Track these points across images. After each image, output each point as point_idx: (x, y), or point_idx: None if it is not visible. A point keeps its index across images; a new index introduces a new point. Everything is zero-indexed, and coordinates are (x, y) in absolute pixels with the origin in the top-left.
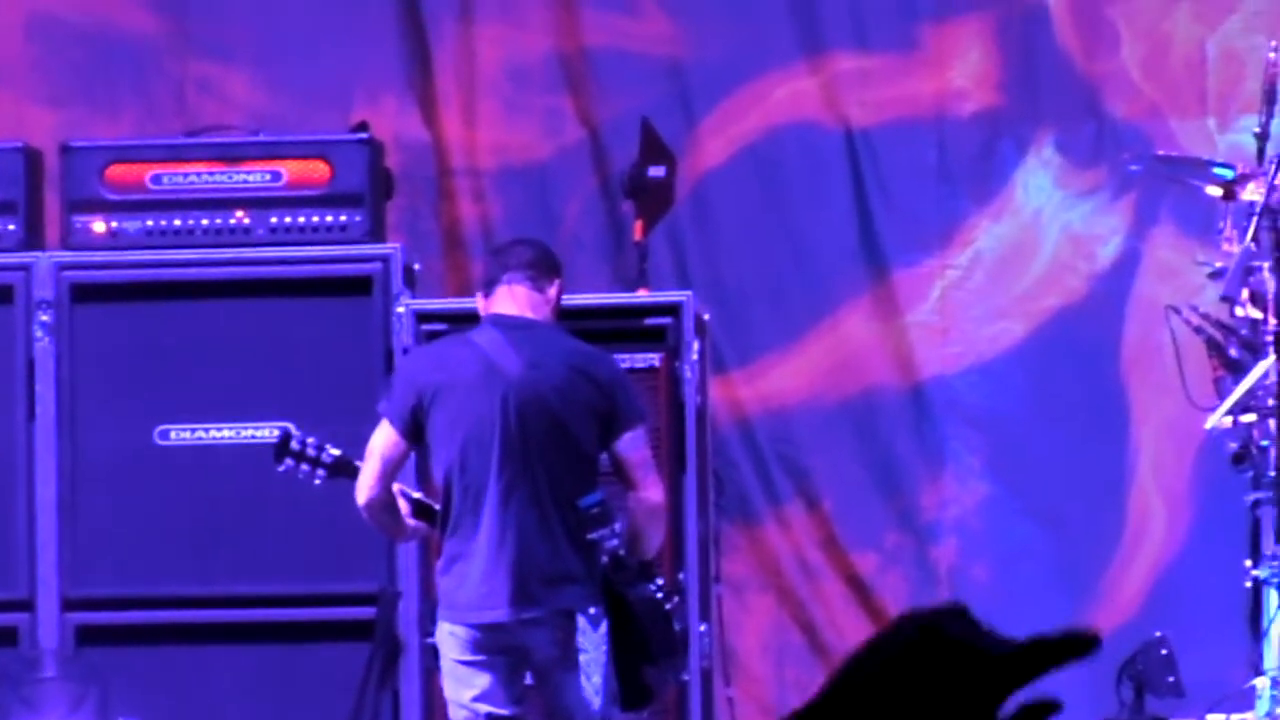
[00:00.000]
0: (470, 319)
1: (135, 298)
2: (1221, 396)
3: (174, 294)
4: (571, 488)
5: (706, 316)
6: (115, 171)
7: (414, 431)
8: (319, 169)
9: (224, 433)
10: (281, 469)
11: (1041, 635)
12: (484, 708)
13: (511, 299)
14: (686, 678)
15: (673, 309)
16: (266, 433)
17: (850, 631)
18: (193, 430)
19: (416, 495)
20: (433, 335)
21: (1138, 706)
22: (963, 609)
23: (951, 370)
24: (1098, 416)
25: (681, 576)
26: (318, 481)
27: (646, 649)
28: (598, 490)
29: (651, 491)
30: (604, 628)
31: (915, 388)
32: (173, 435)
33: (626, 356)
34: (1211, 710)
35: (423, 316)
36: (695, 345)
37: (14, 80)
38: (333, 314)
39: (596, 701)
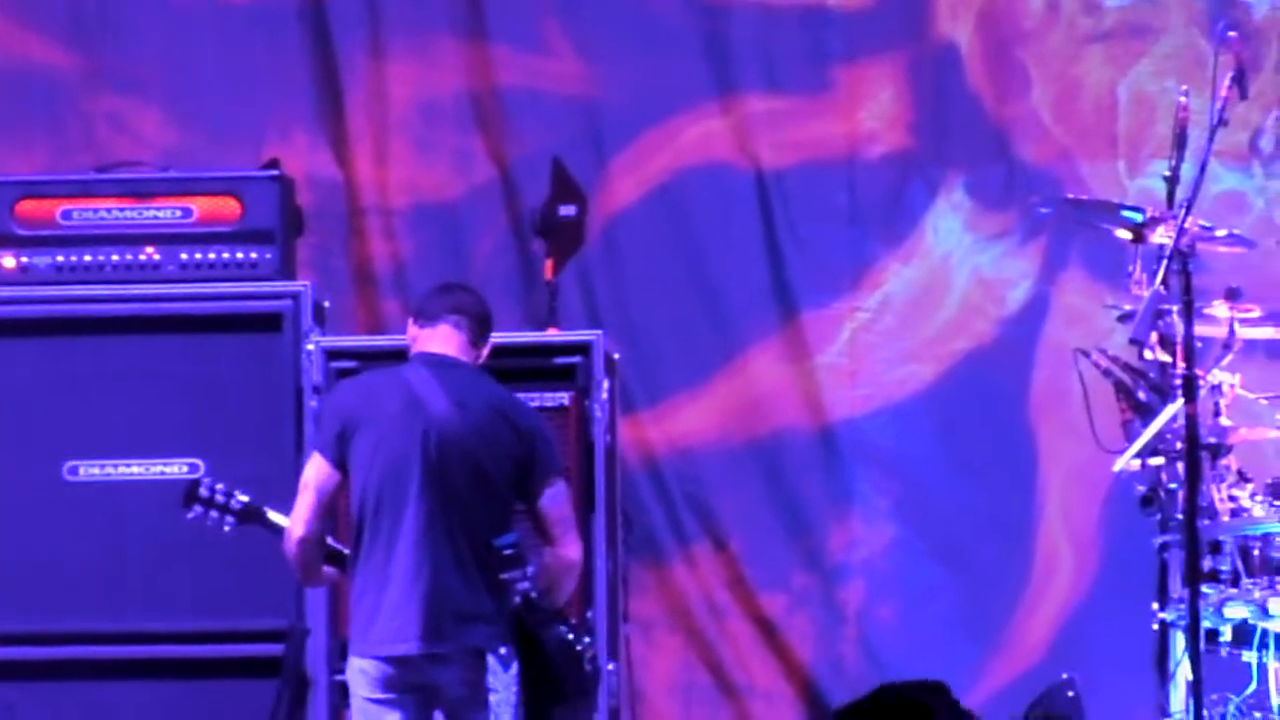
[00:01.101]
0: (381, 356)
1: (45, 332)
2: (1130, 440)
3: (84, 329)
4: (487, 527)
5: (616, 356)
6: (26, 206)
7: (341, 460)
8: (230, 205)
9: (133, 469)
10: (190, 515)
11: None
12: None
13: (448, 340)
14: (598, 718)
15: (583, 348)
16: (176, 469)
17: (758, 672)
18: (101, 466)
19: (330, 542)
20: (343, 372)
21: None
22: (943, 686)
23: (860, 412)
24: (1006, 459)
25: (590, 615)
26: (227, 528)
27: (559, 689)
28: (513, 531)
29: (570, 549)
30: (515, 668)
31: (824, 429)
32: (81, 471)
33: (537, 395)
34: None
35: (333, 354)
36: (605, 384)
37: None
38: (243, 350)
39: None
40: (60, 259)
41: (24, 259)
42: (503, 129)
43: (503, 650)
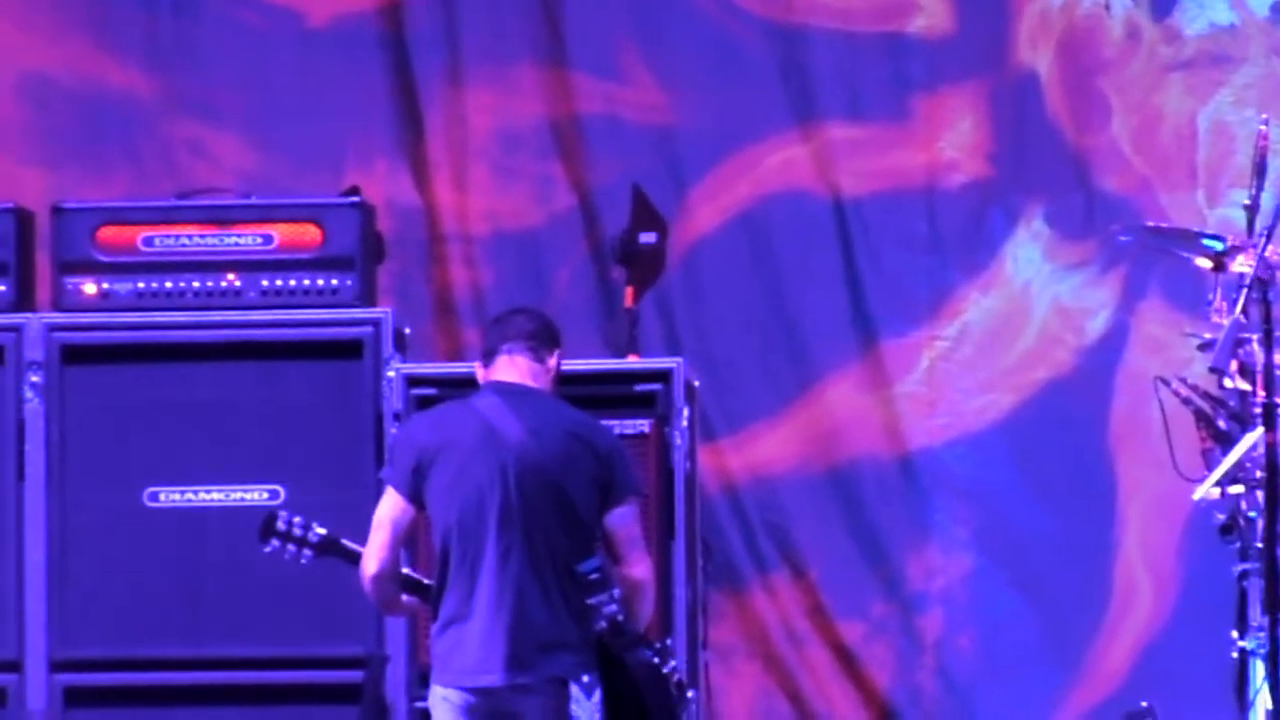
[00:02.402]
0: (461, 384)
1: (126, 359)
2: (1209, 468)
3: (164, 356)
4: (569, 553)
5: (696, 383)
6: (107, 233)
7: (417, 495)
8: (310, 232)
9: (213, 495)
10: (268, 550)
11: None
12: None
13: (512, 367)
14: None
15: (663, 375)
16: (255, 495)
17: (837, 700)
18: (181, 492)
19: (405, 570)
20: (423, 400)
21: None
22: None
23: (938, 441)
24: (1085, 488)
25: (669, 642)
26: (304, 561)
27: (644, 714)
28: (596, 556)
29: (637, 569)
30: (598, 696)
31: (902, 458)
32: (162, 497)
33: (616, 422)
34: None
35: (413, 380)
36: (685, 412)
37: (6, 141)
38: (323, 377)
39: None
40: (141, 285)
41: (105, 285)
42: (582, 157)
43: (585, 678)
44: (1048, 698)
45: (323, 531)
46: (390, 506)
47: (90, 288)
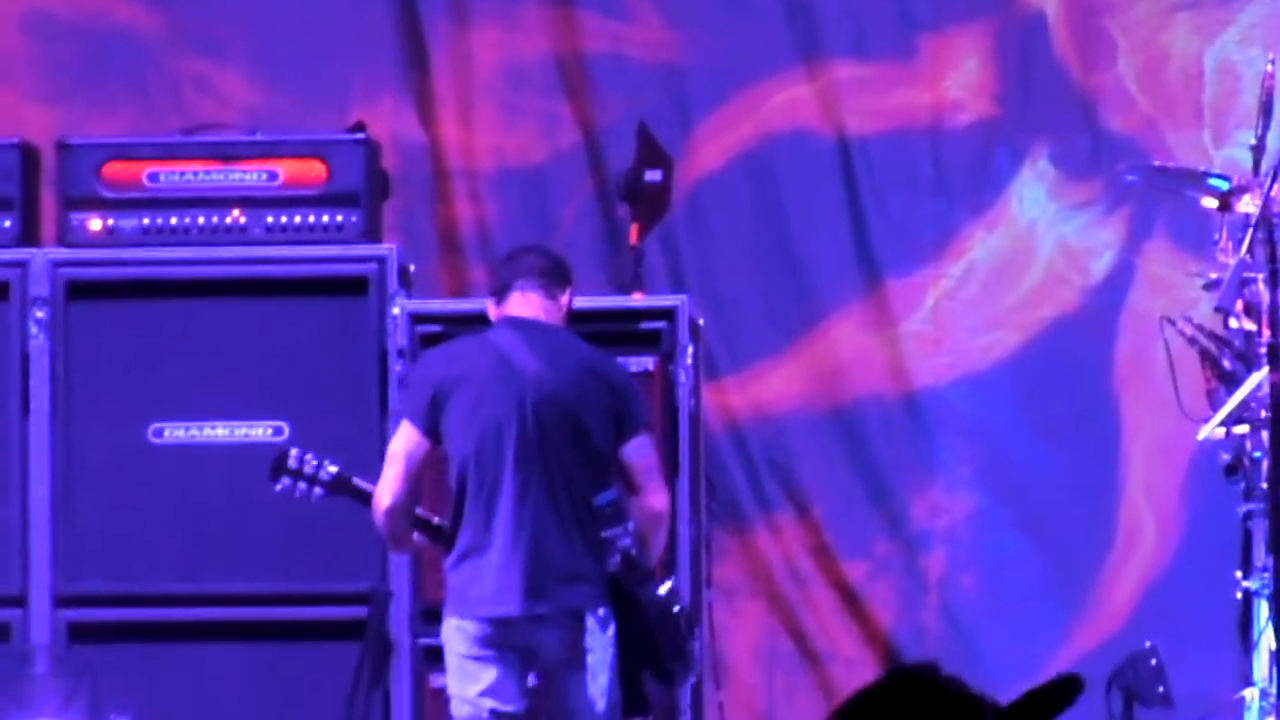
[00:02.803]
0: (466, 321)
1: (131, 295)
2: (1215, 408)
3: (170, 292)
4: (586, 485)
5: (701, 321)
6: (112, 169)
7: (434, 428)
8: (315, 169)
9: (218, 431)
10: (279, 488)
11: (1033, 688)
12: (489, 703)
13: (525, 303)
14: (694, 679)
15: (668, 313)
16: (260, 432)
17: (840, 638)
18: (186, 429)
19: (418, 511)
20: (428, 337)
21: (1127, 717)
22: (934, 666)
23: (943, 380)
24: (1089, 428)
25: (673, 580)
26: (315, 499)
27: (655, 649)
28: (611, 489)
29: (655, 498)
30: (612, 629)
31: (907, 397)
32: (166, 433)
33: (621, 360)
34: None
35: (418, 318)
36: (689, 349)
37: (11, 77)
38: (328, 314)
39: (601, 703)
40: (146, 221)
41: (110, 221)
42: (588, 94)
43: (601, 611)
44: (1051, 636)
45: (334, 469)
46: (405, 440)
47: (95, 224)
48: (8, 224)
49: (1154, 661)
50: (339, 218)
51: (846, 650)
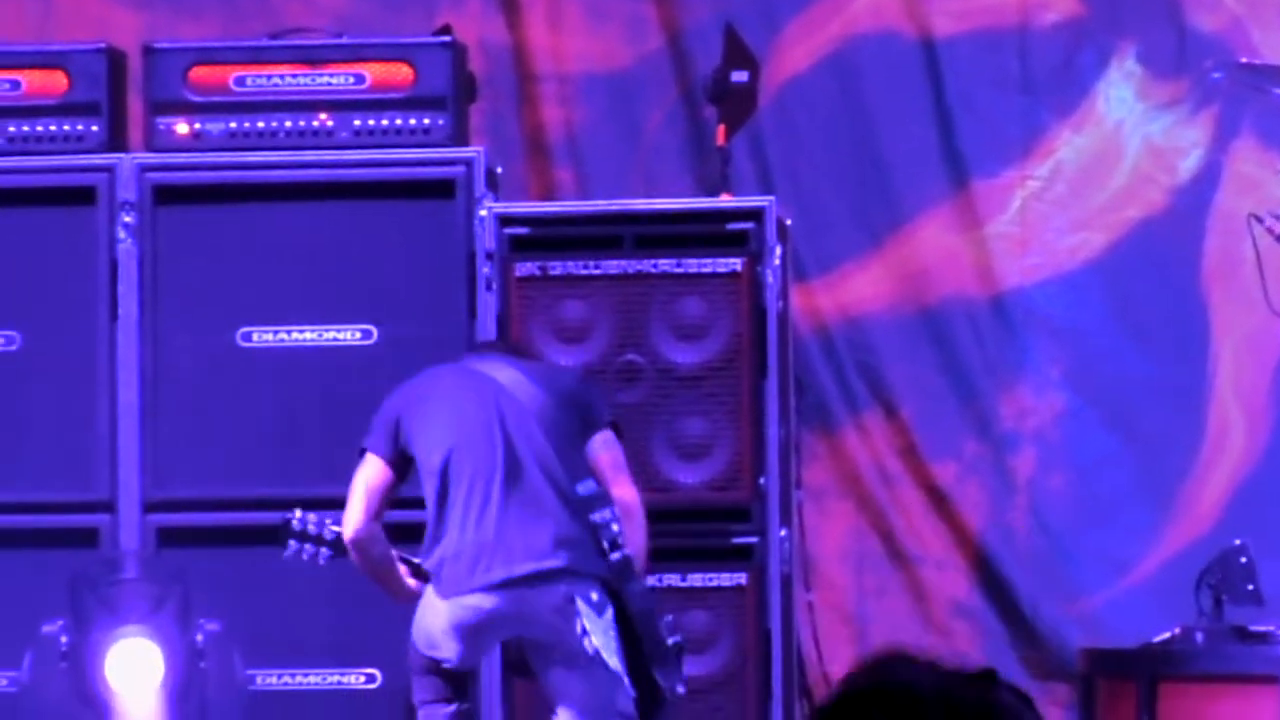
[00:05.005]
0: (552, 223)
1: (218, 200)
2: None
3: (257, 196)
4: (567, 477)
5: (788, 222)
6: (199, 73)
7: (397, 456)
8: (402, 72)
9: (306, 335)
10: (288, 553)
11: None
12: (441, 655)
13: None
14: (681, 690)
15: (755, 214)
16: (349, 335)
17: (929, 540)
18: (274, 333)
19: (415, 561)
20: (515, 240)
21: (1216, 615)
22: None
23: (1031, 281)
24: (1178, 328)
25: (762, 482)
26: (322, 562)
27: (639, 650)
28: (589, 478)
29: (624, 491)
30: (610, 613)
31: (994, 298)
32: (255, 338)
33: (709, 261)
34: None
35: (505, 220)
36: (777, 250)
37: None
38: (415, 217)
39: (618, 689)
40: (233, 126)
41: (197, 126)
42: None
43: (594, 595)
44: (1141, 537)
45: (339, 529)
46: (368, 472)
47: (182, 128)
48: (95, 129)
49: (1244, 560)
50: (426, 121)
51: (935, 551)
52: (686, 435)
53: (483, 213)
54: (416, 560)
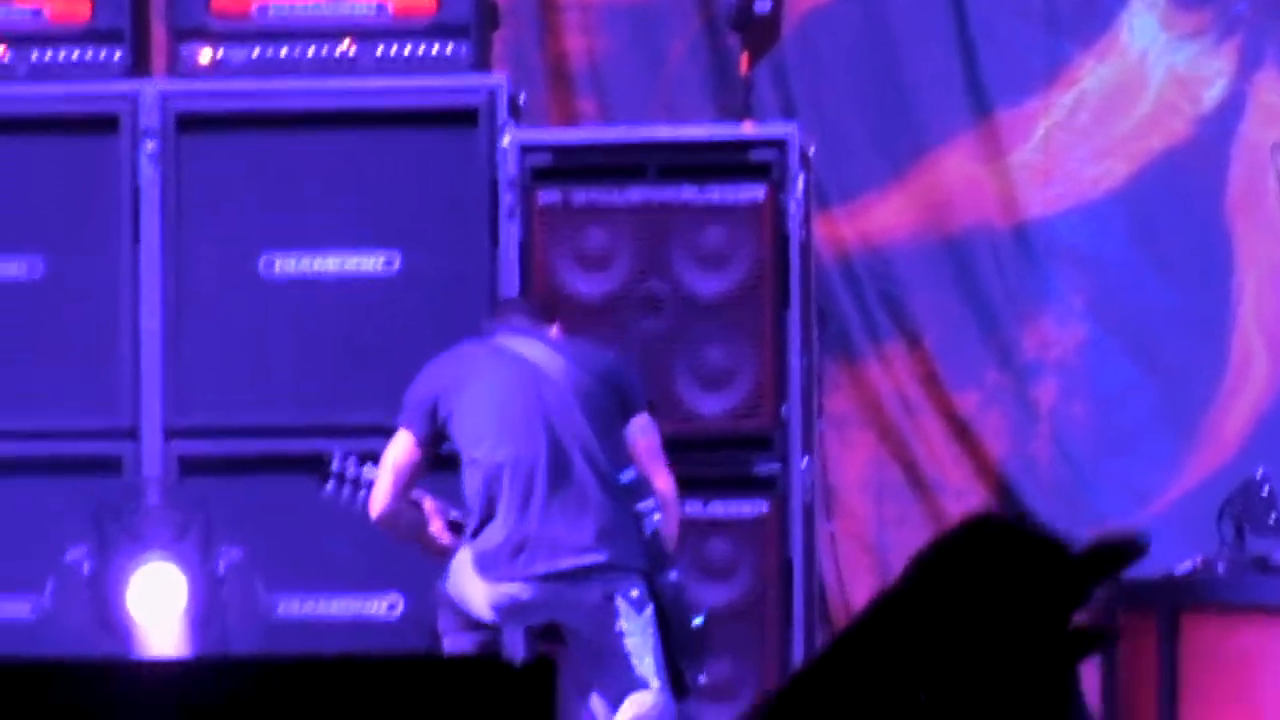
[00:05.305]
0: (574, 151)
1: (241, 127)
2: None
3: (279, 124)
4: (611, 465)
5: (811, 150)
6: (221, 0)
7: (433, 437)
8: None
9: (328, 263)
10: (327, 491)
11: (1101, 540)
12: (474, 616)
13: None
14: (702, 680)
15: (778, 143)
16: (371, 263)
17: (951, 469)
18: (297, 260)
19: (454, 515)
20: (537, 168)
21: (1238, 545)
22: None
23: (1053, 210)
24: (1201, 258)
25: (784, 411)
26: (359, 506)
27: (668, 637)
28: (631, 466)
29: (661, 481)
30: (649, 611)
31: (1017, 228)
32: (277, 265)
33: (731, 190)
34: None
35: (528, 149)
36: (800, 179)
37: None
38: (438, 145)
39: (655, 683)
40: (256, 53)
41: (220, 53)
42: None
43: (635, 593)
44: (1162, 467)
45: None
46: (398, 450)
47: (205, 55)
48: (118, 56)
49: (1265, 490)
50: (449, 48)
51: (957, 481)
52: (709, 364)
53: (505, 141)
54: (454, 515)
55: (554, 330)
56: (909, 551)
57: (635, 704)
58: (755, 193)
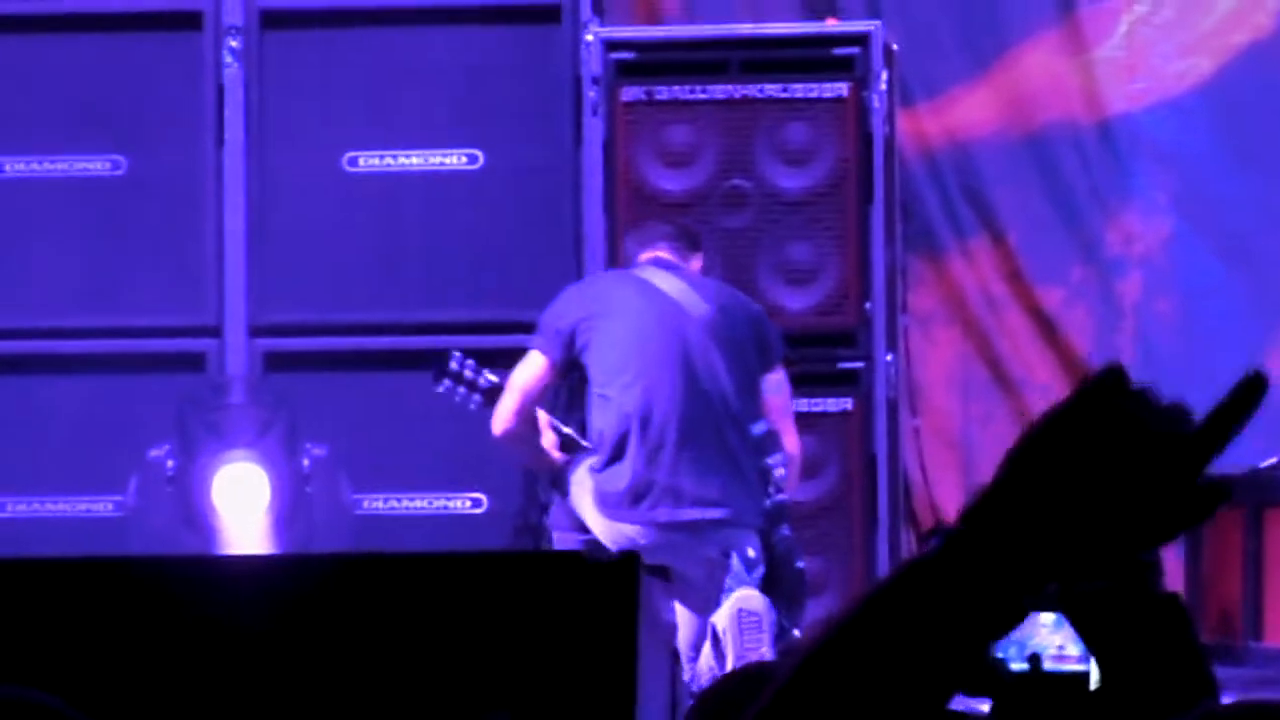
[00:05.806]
0: (656, 48)
1: (324, 24)
2: None
3: (363, 21)
4: (745, 415)
5: (895, 47)
6: None
7: (565, 364)
8: None
9: (412, 160)
10: (441, 389)
11: (1220, 401)
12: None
13: (655, 260)
14: (797, 634)
15: (861, 39)
16: (454, 160)
17: (1035, 365)
18: (381, 157)
19: (567, 431)
20: (621, 65)
21: None
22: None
23: (1138, 106)
24: None
25: (868, 307)
26: (473, 407)
27: (774, 588)
28: (763, 419)
29: (790, 439)
30: (759, 572)
31: (1101, 123)
32: (360, 162)
33: (815, 86)
34: None
35: (611, 45)
36: (883, 75)
37: None
38: (521, 42)
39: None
40: None
41: None
42: None
43: (751, 552)
44: (1248, 362)
45: (494, 379)
46: (528, 371)
47: None
48: None
49: None
50: None
51: (1041, 376)
52: (793, 261)
53: (589, 37)
54: (568, 431)
55: (696, 262)
56: (993, 448)
57: (739, 599)
58: (839, 89)
